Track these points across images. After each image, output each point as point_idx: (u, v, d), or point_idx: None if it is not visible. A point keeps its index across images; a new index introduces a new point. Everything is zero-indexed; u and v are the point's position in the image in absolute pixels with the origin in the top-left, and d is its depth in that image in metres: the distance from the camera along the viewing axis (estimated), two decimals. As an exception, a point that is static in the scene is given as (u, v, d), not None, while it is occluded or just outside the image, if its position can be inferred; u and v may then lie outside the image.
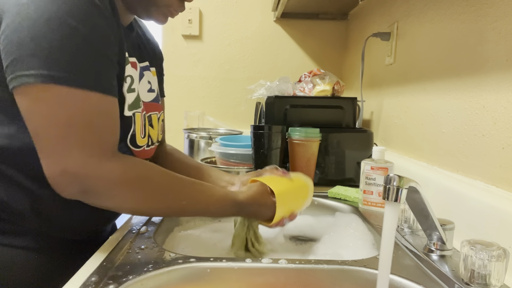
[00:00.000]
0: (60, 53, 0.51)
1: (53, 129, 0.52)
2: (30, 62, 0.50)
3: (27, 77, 0.50)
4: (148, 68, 0.77)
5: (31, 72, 0.50)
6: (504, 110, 0.67)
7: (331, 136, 1.11)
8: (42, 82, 0.50)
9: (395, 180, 0.48)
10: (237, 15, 1.79)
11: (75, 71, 0.52)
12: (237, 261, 0.59)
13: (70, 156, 0.52)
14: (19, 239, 0.63)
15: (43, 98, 0.51)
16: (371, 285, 0.57)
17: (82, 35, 0.52)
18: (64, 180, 0.53)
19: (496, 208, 0.63)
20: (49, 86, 0.51)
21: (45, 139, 0.53)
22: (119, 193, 0.56)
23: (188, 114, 1.71)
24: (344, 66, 1.83)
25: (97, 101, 0.55)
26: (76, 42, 0.52)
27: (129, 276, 0.54)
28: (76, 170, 0.53)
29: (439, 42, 0.91)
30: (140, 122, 0.69)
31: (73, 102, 0.52)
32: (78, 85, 0.52)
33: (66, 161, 0.52)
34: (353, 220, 0.86)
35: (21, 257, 0.63)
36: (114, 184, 0.55)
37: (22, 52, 0.50)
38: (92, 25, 0.53)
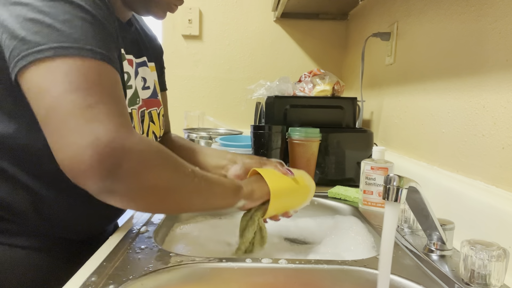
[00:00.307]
0: (66, 26, 0.49)
1: (75, 96, 0.46)
2: (36, 39, 0.47)
3: (36, 53, 0.47)
4: (145, 64, 0.77)
5: (39, 48, 0.47)
6: (504, 110, 0.67)
7: (331, 136, 1.11)
8: (53, 55, 0.47)
9: (395, 180, 0.48)
10: (237, 15, 1.79)
11: (85, 42, 0.49)
12: (237, 261, 0.59)
13: (102, 124, 0.46)
14: (21, 239, 0.63)
15: (58, 68, 0.47)
16: (371, 285, 0.57)
17: (83, 9, 0.51)
18: (92, 156, 0.44)
19: (496, 208, 0.63)
20: (61, 57, 0.47)
21: (67, 109, 0.46)
22: (154, 162, 0.50)
23: (188, 114, 1.71)
24: (344, 66, 1.83)
25: (112, 72, 0.52)
26: (79, 15, 0.50)
27: (129, 276, 0.54)
28: (108, 139, 0.45)
29: (439, 42, 0.91)
30: (136, 119, 0.69)
31: (90, 71, 0.48)
32: (91, 56, 0.49)
33: (95, 130, 0.45)
34: (353, 220, 0.86)
35: (23, 257, 0.63)
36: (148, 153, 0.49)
37: (27, 32, 0.48)
38: (96, 6, 0.53)
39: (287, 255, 0.77)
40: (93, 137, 0.45)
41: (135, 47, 0.74)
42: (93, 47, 0.50)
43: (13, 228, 0.63)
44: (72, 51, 0.48)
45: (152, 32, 0.87)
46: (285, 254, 0.77)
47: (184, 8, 1.76)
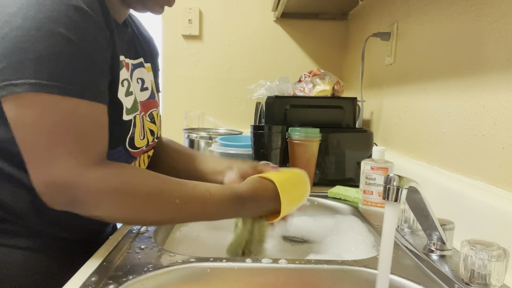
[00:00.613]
0: (48, 61, 0.50)
1: (39, 138, 0.51)
2: (18, 71, 0.50)
3: (15, 86, 0.50)
4: (141, 65, 0.77)
5: (18, 81, 0.49)
6: (504, 110, 0.67)
7: (331, 136, 1.11)
8: (29, 90, 0.50)
9: (395, 180, 0.48)
10: (237, 15, 1.79)
11: (63, 79, 0.51)
12: (237, 261, 0.59)
13: (57, 166, 0.51)
14: (21, 240, 0.63)
15: (30, 106, 0.51)
16: (371, 285, 0.57)
17: (71, 43, 0.52)
18: (51, 192, 0.52)
19: (496, 208, 0.63)
20: (36, 94, 0.50)
21: (32, 149, 0.52)
22: (106, 202, 0.54)
23: (188, 114, 1.71)
24: (344, 66, 1.83)
25: (86, 108, 0.54)
26: (65, 50, 0.51)
27: (129, 276, 0.54)
28: (63, 181, 0.52)
29: (439, 42, 0.91)
30: (139, 124, 0.69)
31: (60, 110, 0.52)
32: (66, 93, 0.51)
33: (52, 171, 0.51)
34: (353, 220, 0.86)
35: (23, 258, 0.63)
36: (101, 193, 0.53)
37: (10, 61, 0.50)
38: (81, 32, 0.53)
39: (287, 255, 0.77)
40: (49, 178, 0.52)
41: (132, 48, 0.74)
42: (72, 84, 0.52)
43: (13, 229, 0.63)
44: (49, 88, 0.50)
45: (148, 33, 0.87)
46: (285, 254, 0.78)
47: (184, 8, 1.76)
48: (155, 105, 0.80)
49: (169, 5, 0.69)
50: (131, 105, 0.66)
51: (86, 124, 0.54)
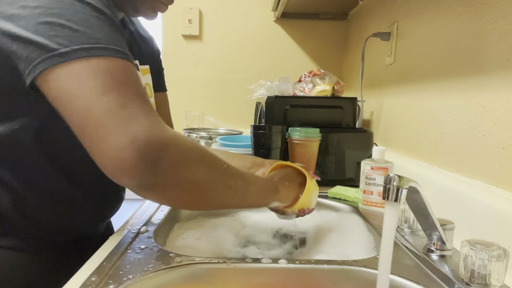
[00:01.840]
0: (83, 26, 0.48)
1: (107, 98, 0.46)
2: (55, 42, 0.46)
3: (58, 57, 0.46)
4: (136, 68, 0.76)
5: (60, 51, 0.46)
6: (504, 110, 0.67)
7: (331, 136, 1.11)
8: (76, 57, 0.46)
9: (395, 180, 0.48)
10: (237, 15, 1.79)
11: (105, 41, 0.49)
12: (237, 261, 0.59)
13: (138, 122, 0.46)
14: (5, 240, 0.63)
15: (84, 71, 0.46)
16: (371, 285, 0.57)
17: (97, 9, 0.50)
18: (136, 151, 0.45)
19: (496, 208, 0.63)
20: (85, 59, 0.46)
21: (102, 112, 0.46)
22: (191, 156, 0.50)
23: (188, 114, 1.71)
24: (344, 66, 1.83)
25: (134, 70, 0.51)
26: (93, 15, 0.50)
27: (129, 276, 0.54)
28: (147, 136, 0.45)
29: (439, 42, 0.91)
30: None
31: (117, 71, 0.48)
32: (114, 55, 0.49)
33: (135, 127, 0.45)
34: (353, 220, 0.86)
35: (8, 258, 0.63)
36: (185, 147, 0.49)
37: (43, 36, 0.46)
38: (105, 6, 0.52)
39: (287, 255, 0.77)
40: (132, 136, 0.45)
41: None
42: (114, 46, 0.49)
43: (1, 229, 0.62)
44: (95, 51, 0.47)
45: (148, 34, 0.86)
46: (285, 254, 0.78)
47: (184, 8, 1.76)
48: None
49: (160, 11, 0.69)
50: None
51: (141, 84, 0.51)
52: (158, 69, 0.88)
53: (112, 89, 0.47)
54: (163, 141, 0.47)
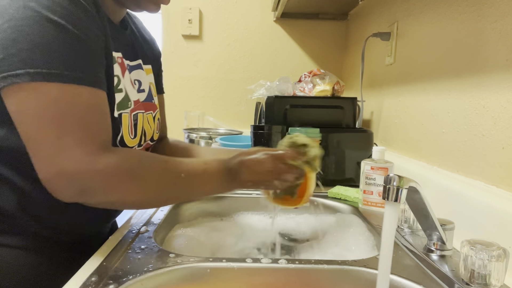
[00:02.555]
0: (45, 49, 0.50)
1: (45, 129, 0.51)
2: (14, 62, 0.49)
3: (13, 77, 0.49)
4: (140, 67, 0.76)
5: (17, 72, 0.49)
6: (504, 110, 0.67)
7: (331, 136, 1.11)
8: (30, 80, 0.49)
9: (395, 180, 0.48)
10: (237, 15, 1.79)
11: (62, 66, 0.51)
12: (237, 261, 0.59)
13: (65, 156, 0.51)
14: (10, 239, 0.63)
15: (32, 97, 0.50)
16: (371, 285, 0.57)
17: (66, 30, 0.51)
18: (61, 182, 0.52)
19: (496, 208, 0.63)
20: (37, 84, 0.50)
21: (38, 141, 0.51)
22: (119, 186, 0.55)
23: (188, 114, 1.71)
24: (344, 66, 1.83)
25: (88, 95, 0.53)
26: (60, 37, 0.51)
27: (129, 276, 0.54)
28: (73, 170, 0.51)
29: (439, 42, 0.91)
30: (127, 122, 0.68)
31: (64, 98, 0.51)
32: (67, 81, 0.51)
33: (61, 161, 0.51)
34: (353, 220, 0.86)
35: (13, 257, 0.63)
36: (113, 178, 0.53)
37: (6, 53, 0.49)
38: (75, 20, 0.53)
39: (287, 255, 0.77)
40: (60, 168, 0.51)
41: (130, 49, 0.74)
42: (72, 71, 0.52)
43: (3, 228, 0.62)
44: (49, 77, 0.50)
45: (150, 35, 0.86)
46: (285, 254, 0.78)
47: (184, 8, 1.76)
48: (152, 108, 0.79)
49: (164, 3, 0.69)
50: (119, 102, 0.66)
51: (90, 111, 0.54)
52: (158, 71, 0.88)
53: (52, 120, 0.51)
54: (88, 174, 0.52)
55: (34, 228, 0.64)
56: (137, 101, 0.72)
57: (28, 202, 0.62)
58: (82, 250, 0.67)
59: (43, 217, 0.64)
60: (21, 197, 0.61)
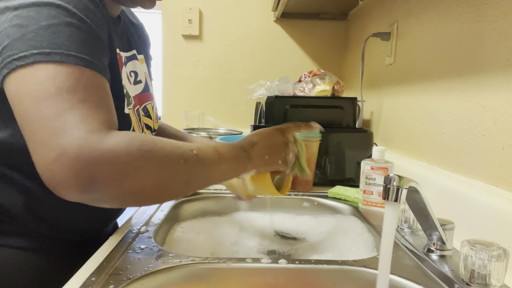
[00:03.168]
0: (50, 31, 0.48)
1: (44, 105, 0.45)
2: (19, 46, 0.47)
3: (17, 61, 0.47)
4: (135, 57, 0.76)
5: (20, 55, 0.47)
6: (504, 110, 0.67)
7: (331, 136, 1.11)
8: (32, 62, 0.46)
9: (395, 180, 0.48)
10: (237, 15, 1.79)
11: (67, 47, 0.48)
12: (237, 261, 0.59)
13: (68, 134, 0.43)
14: (16, 240, 0.63)
15: (33, 76, 0.46)
16: (371, 285, 0.57)
17: (71, 13, 0.50)
18: (63, 167, 0.42)
19: (496, 208, 0.63)
20: (39, 64, 0.46)
21: (36, 119, 0.45)
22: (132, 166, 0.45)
23: (188, 114, 1.71)
24: (344, 66, 1.83)
25: (92, 77, 0.50)
26: (65, 20, 0.49)
27: (129, 276, 0.54)
28: (78, 150, 0.42)
29: (439, 42, 0.91)
30: (134, 118, 0.69)
31: (66, 76, 0.47)
32: (71, 61, 0.48)
33: (64, 140, 0.43)
34: (353, 220, 0.86)
35: (18, 258, 0.63)
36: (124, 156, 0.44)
37: (10, 39, 0.47)
38: (83, 7, 0.52)
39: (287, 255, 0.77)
40: (60, 150, 0.42)
41: (124, 40, 0.73)
42: (76, 52, 0.49)
43: (7, 228, 0.62)
44: (52, 57, 0.47)
45: (139, 21, 0.85)
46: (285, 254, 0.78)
47: (184, 8, 1.76)
48: (150, 98, 0.79)
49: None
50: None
51: (94, 91, 0.49)
52: (148, 59, 0.87)
53: (54, 95, 0.45)
54: (96, 156, 0.43)
55: (35, 229, 0.64)
56: (135, 97, 0.73)
57: (30, 202, 0.62)
58: (82, 250, 0.67)
59: (45, 217, 0.64)
60: (24, 197, 0.61)
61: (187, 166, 0.51)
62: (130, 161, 0.45)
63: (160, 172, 0.48)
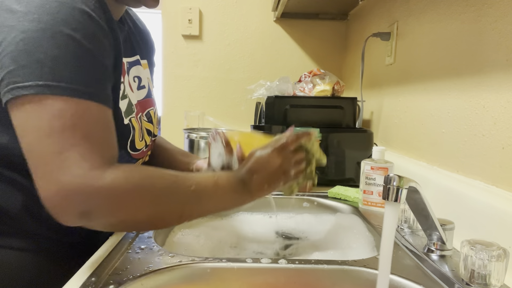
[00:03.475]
0: (56, 62, 0.49)
1: (48, 141, 0.48)
2: (24, 74, 0.48)
3: (21, 89, 0.48)
4: (138, 63, 0.76)
5: (25, 84, 0.48)
6: (504, 110, 0.67)
7: (331, 136, 1.11)
8: (36, 93, 0.48)
9: (395, 180, 0.48)
10: (237, 15, 1.79)
11: (71, 80, 0.49)
12: (237, 261, 0.59)
13: (68, 171, 0.47)
14: (14, 240, 0.63)
15: (37, 109, 0.48)
16: (371, 285, 0.57)
17: (79, 43, 0.51)
18: (62, 202, 0.47)
19: (496, 208, 0.63)
20: (44, 96, 0.48)
21: (39, 155, 0.48)
22: (128, 202, 0.50)
23: (188, 114, 1.71)
24: (344, 66, 1.83)
25: (96, 111, 0.52)
26: (72, 50, 0.50)
27: (129, 276, 0.54)
28: (76, 186, 0.47)
29: (439, 42, 0.91)
30: (137, 126, 0.69)
31: (69, 112, 0.49)
32: (75, 95, 0.49)
33: (63, 177, 0.47)
34: (353, 220, 0.86)
35: (16, 258, 0.63)
36: (119, 193, 0.49)
37: (17, 65, 0.48)
38: (88, 34, 0.52)
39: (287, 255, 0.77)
40: (60, 185, 0.47)
41: (128, 46, 0.73)
42: (80, 85, 0.50)
43: (6, 229, 0.62)
44: (57, 90, 0.48)
45: (145, 26, 0.85)
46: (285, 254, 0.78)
47: (184, 8, 1.76)
48: (152, 104, 0.79)
49: None
50: (125, 108, 0.66)
51: (97, 126, 0.52)
52: (151, 65, 0.88)
53: (56, 132, 0.48)
54: (91, 192, 0.47)
55: (36, 229, 0.64)
56: (137, 104, 0.73)
57: (29, 203, 0.62)
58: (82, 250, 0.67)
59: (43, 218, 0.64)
60: (22, 198, 0.61)
61: (182, 202, 0.56)
62: (125, 196, 0.50)
63: (154, 206, 0.52)
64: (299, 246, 0.80)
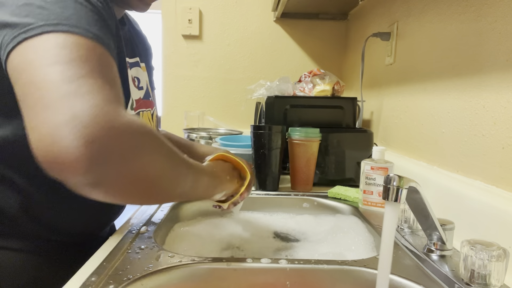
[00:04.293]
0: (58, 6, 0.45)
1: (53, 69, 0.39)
2: (26, 21, 0.43)
3: (24, 33, 0.42)
4: (138, 64, 0.76)
5: (27, 27, 0.43)
6: (504, 110, 0.67)
7: (331, 136, 1.11)
8: (40, 33, 0.42)
9: (395, 180, 0.48)
10: (237, 15, 1.79)
11: (75, 22, 0.44)
12: (237, 261, 0.59)
13: (82, 100, 0.37)
14: (12, 241, 0.63)
15: (40, 44, 0.41)
16: (371, 285, 0.57)
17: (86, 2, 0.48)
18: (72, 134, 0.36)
19: (496, 208, 0.63)
20: (48, 34, 0.42)
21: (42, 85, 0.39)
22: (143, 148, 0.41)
23: (188, 114, 1.71)
24: (344, 66, 1.83)
25: (104, 54, 0.45)
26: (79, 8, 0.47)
27: (129, 276, 0.54)
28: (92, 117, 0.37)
29: (439, 42, 0.91)
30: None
31: (77, 47, 0.42)
32: (84, 34, 0.44)
33: (76, 104, 0.37)
34: (353, 220, 0.86)
35: (15, 259, 0.63)
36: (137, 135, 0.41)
37: (16, 18, 0.44)
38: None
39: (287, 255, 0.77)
40: (72, 113, 0.36)
41: (129, 46, 0.73)
42: (86, 26, 0.45)
43: (4, 230, 0.62)
44: (61, 27, 0.43)
45: (142, 32, 0.86)
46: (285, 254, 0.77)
47: (184, 8, 1.76)
48: (151, 105, 0.80)
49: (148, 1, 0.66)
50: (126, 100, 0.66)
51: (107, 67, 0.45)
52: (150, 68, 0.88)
53: (65, 61, 0.40)
54: (113, 125, 0.38)
55: (34, 230, 0.64)
56: (139, 100, 0.73)
57: (30, 204, 0.62)
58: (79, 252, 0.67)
59: (42, 219, 0.64)
60: (23, 199, 0.61)
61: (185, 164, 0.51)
62: (143, 141, 0.41)
63: (167, 158, 0.46)
64: (299, 246, 0.80)
